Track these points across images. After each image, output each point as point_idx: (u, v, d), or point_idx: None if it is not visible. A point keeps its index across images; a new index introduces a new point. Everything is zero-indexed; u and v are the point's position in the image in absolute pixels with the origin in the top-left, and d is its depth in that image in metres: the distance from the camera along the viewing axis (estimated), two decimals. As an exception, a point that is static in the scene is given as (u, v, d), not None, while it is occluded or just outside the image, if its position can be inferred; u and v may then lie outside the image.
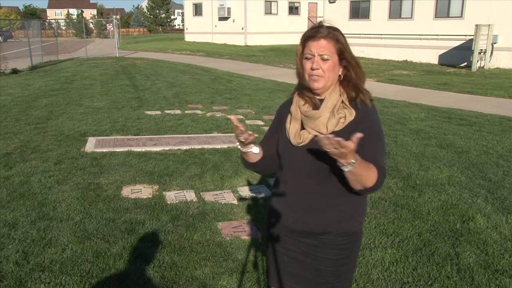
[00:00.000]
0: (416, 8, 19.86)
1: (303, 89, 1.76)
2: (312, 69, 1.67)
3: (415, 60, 20.01)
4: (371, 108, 1.74)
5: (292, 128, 1.77)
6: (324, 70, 1.66)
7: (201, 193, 4.48)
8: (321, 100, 1.74)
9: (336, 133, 1.66)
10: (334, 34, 1.66)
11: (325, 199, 1.71)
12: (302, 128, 1.75)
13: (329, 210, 1.73)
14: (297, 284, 1.84)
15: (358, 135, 1.41)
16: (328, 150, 1.46)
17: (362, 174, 1.55)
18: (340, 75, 1.71)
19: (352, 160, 1.48)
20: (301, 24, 32.29)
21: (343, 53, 1.68)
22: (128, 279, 2.94)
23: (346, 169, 1.51)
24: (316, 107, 1.74)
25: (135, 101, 9.73)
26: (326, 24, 1.69)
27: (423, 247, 3.40)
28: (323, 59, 1.66)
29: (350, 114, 1.68)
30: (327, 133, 1.67)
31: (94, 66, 17.98)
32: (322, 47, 1.65)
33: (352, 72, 1.70)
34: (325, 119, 1.69)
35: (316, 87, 1.69)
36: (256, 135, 1.73)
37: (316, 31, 1.66)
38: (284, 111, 1.87)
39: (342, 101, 1.70)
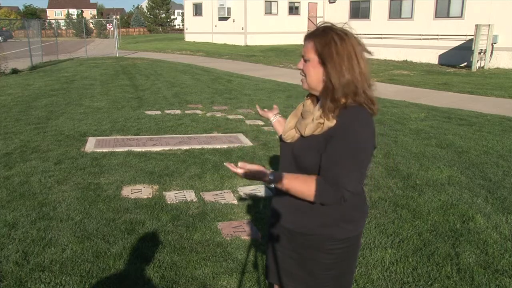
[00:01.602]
0: (416, 8, 19.87)
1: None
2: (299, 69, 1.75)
3: (415, 60, 20.02)
4: (360, 120, 1.61)
5: (287, 122, 1.82)
6: (304, 71, 1.70)
7: (201, 193, 4.48)
8: None
9: (313, 138, 1.66)
10: (316, 35, 1.64)
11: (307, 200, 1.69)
12: None
13: (311, 211, 1.71)
14: (291, 281, 1.86)
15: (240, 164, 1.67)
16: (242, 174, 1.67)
17: (288, 188, 1.66)
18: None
19: (269, 178, 1.66)
20: (301, 24, 32.28)
21: (324, 55, 1.61)
22: (128, 279, 2.94)
23: (267, 184, 1.61)
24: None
25: (135, 101, 9.73)
26: (324, 24, 1.68)
27: (423, 247, 3.40)
28: (305, 60, 1.69)
29: (331, 122, 1.61)
30: (305, 135, 1.69)
31: (94, 66, 17.98)
32: (304, 47, 1.69)
33: (331, 75, 1.60)
34: (309, 122, 1.69)
35: (303, 87, 1.74)
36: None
37: (309, 33, 1.71)
38: None
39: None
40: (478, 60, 16.79)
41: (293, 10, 32.94)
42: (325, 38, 1.62)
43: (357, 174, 1.60)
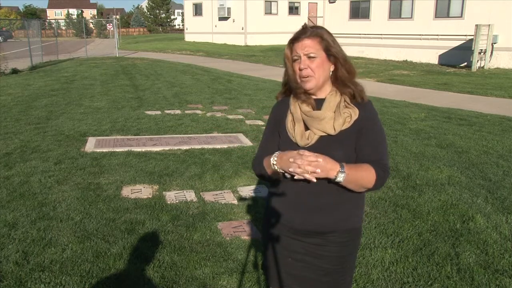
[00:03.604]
0: (416, 8, 19.85)
1: (297, 91, 1.76)
2: (300, 69, 1.70)
3: (415, 60, 20.01)
4: (370, 105, 1.78)
5: (297, 129, 1.75)
6: (312, 69, 1.69)
7: (201, 193, 4.48)
8: (318, 100, 1.75)
9: (343, 132, 1.70)
10: (317, 32, 1.70)
11: (332, 198, 1.72)
12: (306, 128, 1.74)
13: (336, 208, 1.74)
14: (299, 286, 1.82)
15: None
16: (309, 177, 1.58)
17: (357, 179, 1.65)
18: (331, 72, 1.74)
19: (340, 169, 1.60)
20: (301, 24, 32.14)
21: (330, 49, 1.69)
22: (128, 279, 2.94)
23: (340, 179, 1.62)
24: (315, 107, 1.74)
25: (135, 101, 9.73)
26: (310, 25, 1.74)
27: (423, 247, 3.40)
28: (310, 58, 1.68)
29: (354, 113, 1.71)
30: (335, 133, 1.70)
31: (94, 66, 17.98)
32: (306, 46, 1.68)
33: (341, 67, 1.72)
34: (331, 120, 1.69)
35: (309, 87, 1.72)
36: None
37: (300, 33, 1.71)
38: (279, 111, 1.87)
39: (345, 100, 1.72)
40: (478, 60, 16.78)
41: (293, 10, 32.98)
42: (326, 32, 1.70)
43: (387, 154, 1.79)
